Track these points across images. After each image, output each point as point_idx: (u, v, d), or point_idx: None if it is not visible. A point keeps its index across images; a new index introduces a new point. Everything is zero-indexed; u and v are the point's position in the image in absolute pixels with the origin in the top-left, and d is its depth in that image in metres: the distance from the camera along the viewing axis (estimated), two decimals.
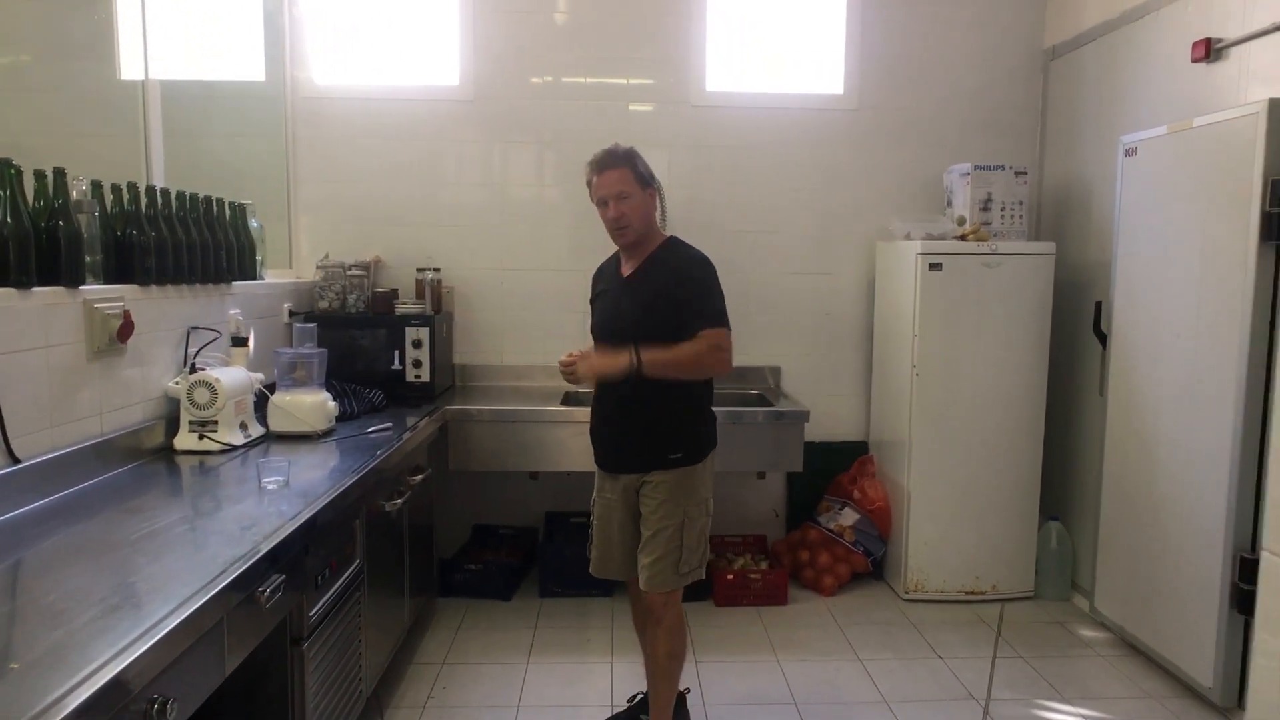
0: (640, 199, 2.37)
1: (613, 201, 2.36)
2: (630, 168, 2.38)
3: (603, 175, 2.38)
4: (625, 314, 2.42)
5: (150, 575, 1.57)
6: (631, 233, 2.38)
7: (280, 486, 2.19)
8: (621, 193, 2.36)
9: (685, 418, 2.43)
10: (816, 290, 4.07)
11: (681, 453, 2.40)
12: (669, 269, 2.39)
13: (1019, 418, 3.58)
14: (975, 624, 3.45)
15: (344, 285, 3.67)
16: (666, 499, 2.39)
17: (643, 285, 2.41)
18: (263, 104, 3.90)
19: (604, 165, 2.38)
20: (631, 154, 2.41)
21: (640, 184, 2.38)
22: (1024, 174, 3.59)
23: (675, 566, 2.40)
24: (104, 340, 2.29)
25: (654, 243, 2.45)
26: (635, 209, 2.37)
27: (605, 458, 2.53)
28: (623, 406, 2.44)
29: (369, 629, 2.52)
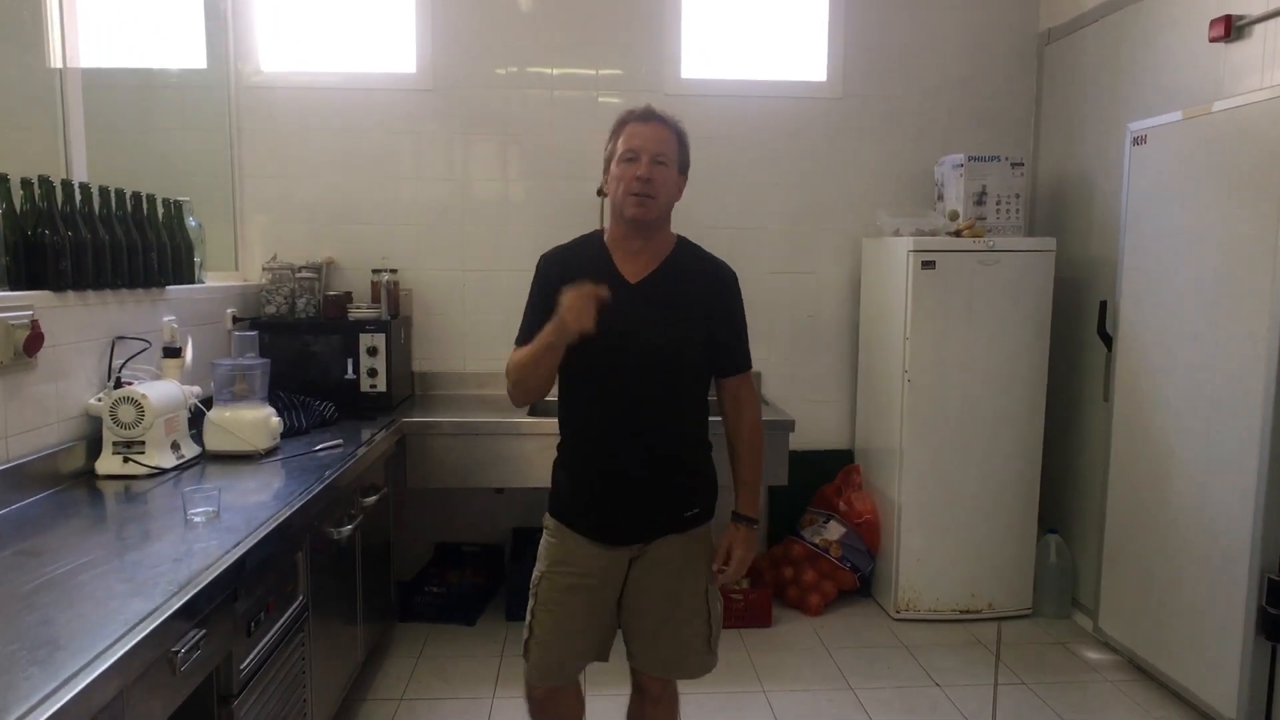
0: (674, 175, 1.89)
1: (647, 159, 1.83)
2: (678, 139, 1.90)
3: (646, 124, 1.86)
4: (645, 334, 1.84)
5: (35, 640, 1.31)
6: (654, 207, 1.85)
7: (209, 519, 1.92)
8: (661, 155, 1.85)
9: (703, 464, 1.99)
10: (798, 290, 3.86)
11: (699, 508, 1.95)
12: (703, 284, 1.92)
13: (1016, 424, 3.39)
14: (972, 646, 3.26)
15: (293, 289, 3.40)
16: (684, 566, 1.94)
17: (666, 298, 1.89)
18: (204, 93, 3.61)
19: (650, 116, 1.88)
20: (681, 127, 1.93)
21: (679, 162, 1.90)
22: (1020, 165, 3.40)
23: (706, 645, 1.98)
24: (8, 354, 2.02)
25: (667, 243, 1.95)
26: (667, 182, 1.86)
27: (603, 526, 1.92)
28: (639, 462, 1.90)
29: (317, 671, 2.26)
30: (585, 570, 1.93)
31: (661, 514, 1.92)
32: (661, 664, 2.00)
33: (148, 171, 3.05)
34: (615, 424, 1.89)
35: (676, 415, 1.93)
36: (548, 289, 1.88)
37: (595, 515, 1.93)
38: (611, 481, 1.92)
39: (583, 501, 1.94)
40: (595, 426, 1.93)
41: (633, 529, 1.92)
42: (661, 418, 1.90)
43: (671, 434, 1.92)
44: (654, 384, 1.87)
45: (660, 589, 1.94)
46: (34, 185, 2.17)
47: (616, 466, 1.91)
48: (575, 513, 1.95)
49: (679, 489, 1.94)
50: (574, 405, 1.96)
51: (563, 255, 1.99)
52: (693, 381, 1.94)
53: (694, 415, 1.96)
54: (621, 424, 1.89)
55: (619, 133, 1.90)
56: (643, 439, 1.89)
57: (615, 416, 1.89)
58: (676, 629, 1.96)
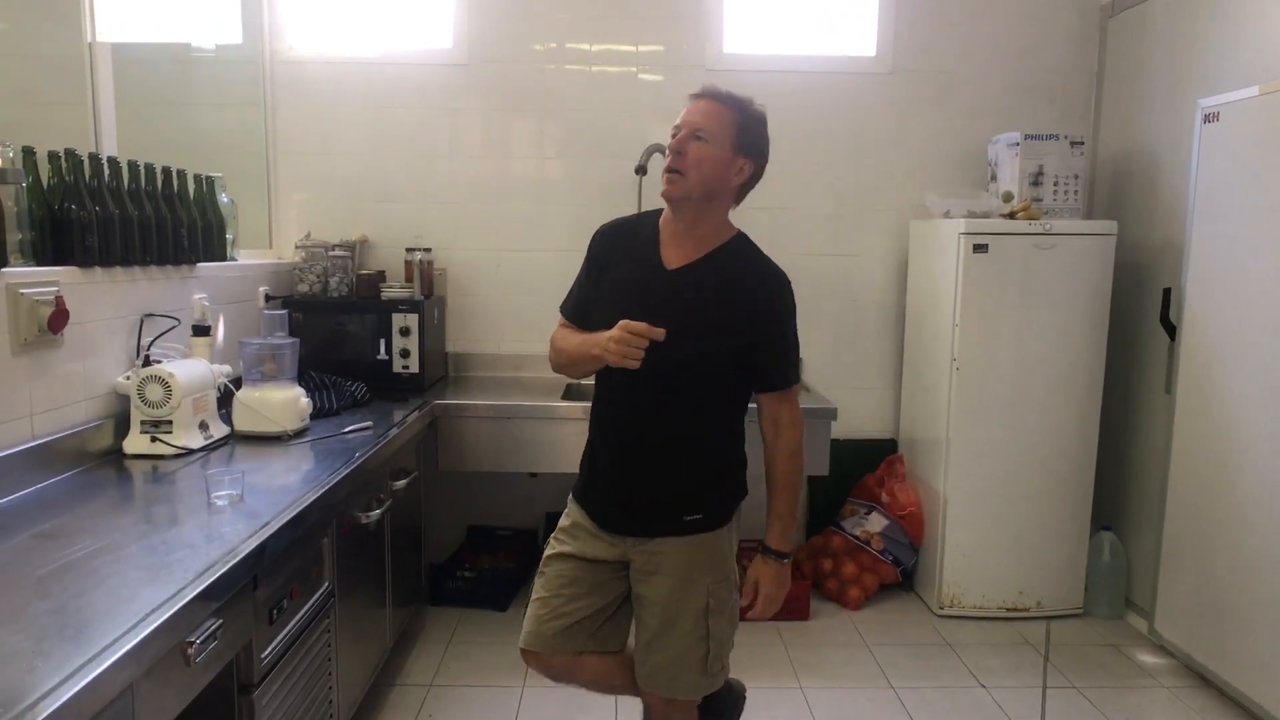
0: (719, 156, 1.74)
1: (685, 131, 1.74)
2: (736, 114, 1.76)
3: (698, 100, 1.78)
4: (677, 325, 1.69)
5: (43, 629, 1.26)
6: (681, 184, 1.74)
7: (232, 503, 1.88)
8: (701, 129, 1.73)
9: (719, 470, 1.88)
10: (842, 274, 3.73)
11: (702, 513, 1.84)
12: (748, 287, 1.78)
13: (1071, 416, 3.23)
14: (1019, 646, 3.13)
15: (326, 267, 3.35)
16: (684, 576, 1.83)
17: (701, 290, 1.77)
18: (239, 69, 3.57)
19: (706, 93, 1.78)
20: (751, 109, 1.80)
21: (734, 143, 1.76)
22: (1080, 144, 3.22)
23: (703, 665, 1.85)
24: (32, 331, 1.98)
25: (717, 234, 1.82)
26: (704, 159, 1.73)
27: (603, 509, 1.90)
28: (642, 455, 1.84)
29: (343, 657, 2.22)
30: (581, 548, 1.91)
31: (658, 512, 1.84)
32: (652, 678, 1.90)
33: (182, 147, 3.01)
34: (625, 412, 1.85)
35: (690, 413, 1.82)
36: (595, 262, 1.90)
37: (595, 494, 1.90)
38: (613, 467, 1.87)
39: (586, 479, 1.94)
40: (609, 412, 1.89)
41: (627, 519, 1.87)
42: (674, 414, 1.81)
43: (680, 432, 1.82)
44: (674, 379, 1.77)
45: (657, 598, 1.85)
46: (61, 159, 2.13)
47: (618, 452, 1.87)
48: (583, 489, 1.95)
49: (679, 490, 1.84)
50: (599, 385, 1.92)
51: (616, 229, 1.94)
52: (715, 386, 1.81)
53: (714, 416, 1.85)
54: (630, 413, 1.84)
55: None
56: (646, 432, 1.83)
57: (626, 404, 1.84)
58: (670, 643, 1.85)
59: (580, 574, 1.91)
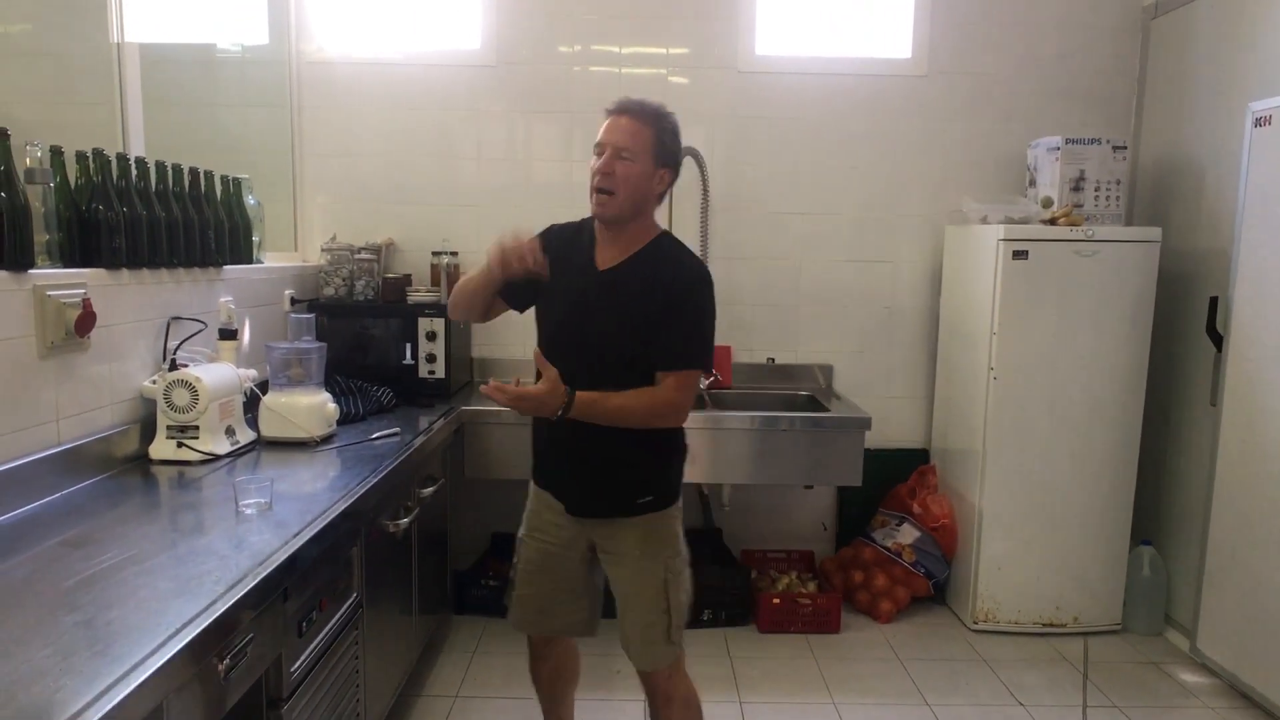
0: (644, 172, 1.85)
1: (609, 151, 1.84)
2: (654, 130, 1.86)
3: (617, 117, 1.86)
4: (599, 321, 1.90)
5: (71, 645, 1.22)
6: (613, 204, 1.86)
7: (260, 511, 1.84)
8: (624, 149, 1.83)
9: (660, 455, 1.99)
10: (873, 280, 3.66)
11: (652, 495, 1.96)
12: (663, 280, 1.88)
13: (1111, 427, 3.15)
14: (1056, 662, 3.05)
15: (352, 270, 3.32)
16: (641, 554, 1.97)
17: (625, 289, 1.90)
18: (265, 70, 3.55)
19: (622, 109, 1.86)
20: (664, 120, 1.88)
21: (655, 157, 1.86)
22: (1123, 149, 3.14)
23: (666, 635, 1.99)
24: (59, 334, 1.95)
25: (643, 235, 1.94)
26: (630, 177, 1.84)
27: (561, 493, 2.03)
28: (586, 441, 1.93)
29: (370, 669, 2.17)
30: (555, 539, 2.05)
31: (609, 496, 1.96)
32: (628, 649, 2.04)
33: (208, 149, 2.99)
34: None
35: None
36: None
37: (550, 482, 2.05)
38: (558, 454, 2.01)
39: (541, 467, 2.08)
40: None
41: (583, 503, 2.00)
42: None
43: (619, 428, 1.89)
44: (599, 370, 1.88)
45: (621, 578, 2.01)
46: (89, 159, 2.09)
47: (565, 439, 1.96)
48: (540, 477, 2.09)
49: (626, 474, 1.95)
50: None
51: (562, 230, 2.07)
52: (636, 374, 1.89)
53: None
54: None
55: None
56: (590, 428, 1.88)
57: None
58: (637, 617, 2.00)
59: (560, 567, 2.07)
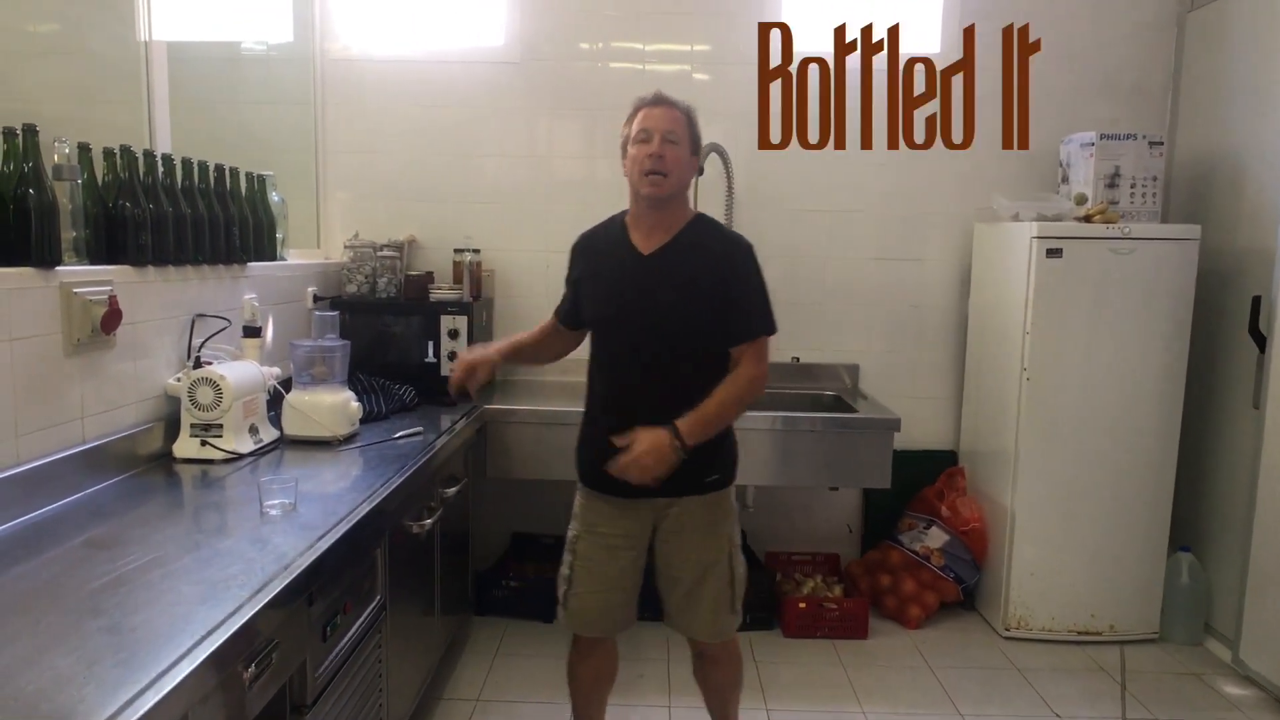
0: (686, 156, 1.98)
1: (659, 137, 1.93)
2: (687, 119, 2.00)
3: (657, 107, 1.98)
4: (658, 300, 1.97)
5: (95, 651, 1.19)
6: (667, 184, 1.95)
7: (285, 511, 1.81)
8: (671, 133, 1.95)
9: (723, 432, 2.04)
10: (901, 278, 3.60)
11: (719, 473, 2.05)
12: (711, 253, 1.99)
13: (1148, 430, 3.07)
14: (1093, 672, 2.97)
15: (374, 267, 3.30)
16: (709, 530, 2.06)
17: (675, 267, 1.98)
18: (290, 67, 3.53)
19: (660, 101, 1.99)
20: (690, 111, 2.03)
21: (691, 142, 2.00)
22: (1159, 144, 3.07)
23: (731, 605, 2.10)
24: (85, 331, 1.93)
25: (681, 217, 2.04)
26: (679, 159, 1.96)
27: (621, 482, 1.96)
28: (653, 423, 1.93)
29: (393, 672, 2.14)
30: (615, 531, 2.08)
31: (679, 474, 1.93)
32: (694, 626, 2.10)
33: (232, 146, 2.97)
34: (628, 385, 2.02)
35: (682, 380, 1.96)
36: (573, 271, 2.19)
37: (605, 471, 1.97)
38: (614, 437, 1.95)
39: (597, 460, 2.01)
40: (611, 387, 2.05)
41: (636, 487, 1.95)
42: (668, 381, 1.97)
43: (677, 398, 1.93)
44: (661, 348, 1.97)
45: (688, 553, 2.05)
46: (116, 156, 2.08)
47: (627, 424, 1.94)
48: (593, 471, 2.06)
49: (696, 463, 1.94)
50: (595, 368, 2.10)
51: (588, 236, 2.18)
52: (701, 349, 1.98)
53: (703, 381, 1.95)
54: (633, 385, 2.01)
55: (633, 118, 2.01)
56: (652, 401, 1.95)
57: (628, 378, 2.02)
58: (704, 591, 2.05)
59: (624, 561, 2.09)
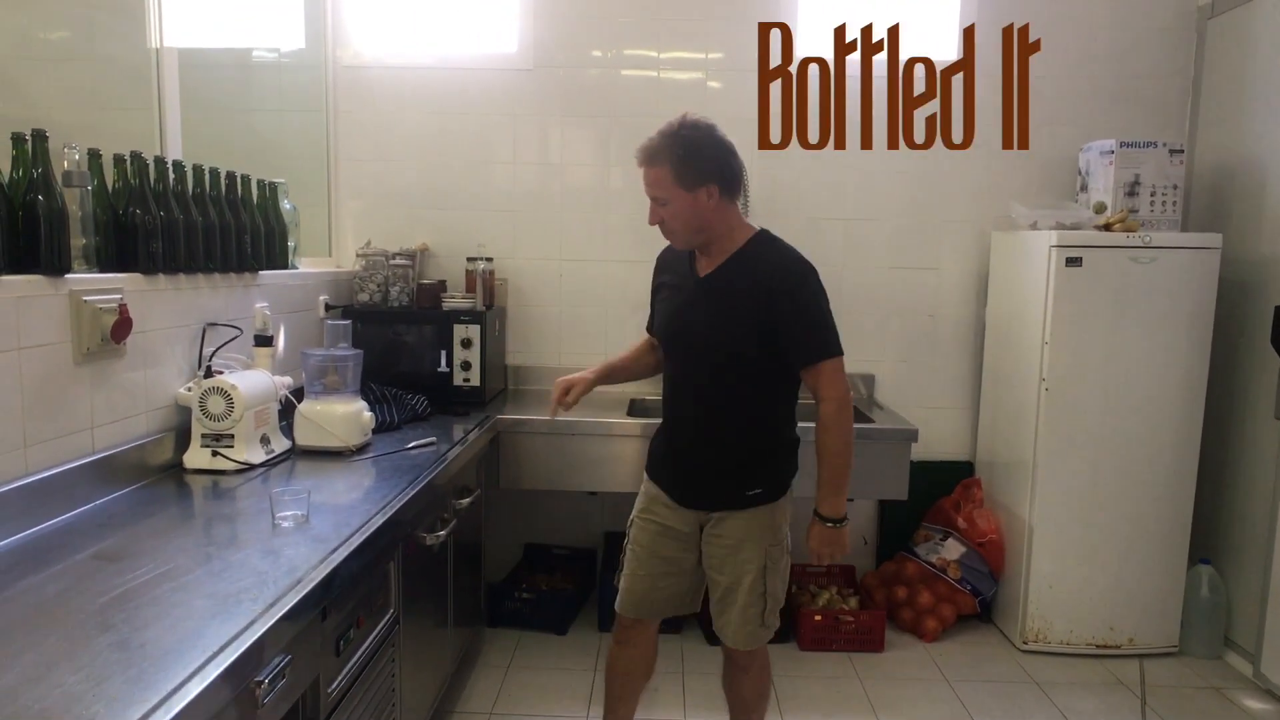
0: (683, 204, 1.94)
1: (651, 204, 1.99)
2: (671, 165, 1.92)
3: (642, 168, 1.99)
4: (702, 323, 2.01)
5: (104, 669, 1.16)
6: (678, 239, 2.03)
7: (297, 524, 1.78)
8: (656, 197, 1.97)
9: (768, 449, 2.08)
10: (917, 287, 3.56)
11: (762, 488, 2.05)
12: (763, 277, 1.96)
13: (1169, 442, 3.03)
14: (1113, 686, 2.93)
15: (387, 276, 3.28)
16: (744, 540, 2.06)
17: (725, 291, 1.99)
18: (302, 74, 3.52)
19: (642, 159, 1.98)
20: (676, 146, 1.92)
21: (684, 185, 1.93)
22: (1180, 152, 3.03)
23: (761, 618, 2.09)
24: (95, 340, 1.91)
25: (735, 240, 2.02)
26: (677, 215, 1.96)
27: (672, 487, 2.14)
28: (697, 438, 2.09)
29: (406, 686, 2.11)
30: (666, 521, 2.14)
31: (720, 488, 2.05)
32: (723, 630, 2.13)
33: (243, 154, 2.97)
34: (680, 401, 2.12)
35: (729, 399, 2.03)
36: (655, 280, 2.22)
37: (666, 475, 2.15)
38: (676, 450, 2.13)
39: (658, 461, 2.18)
40: (669, 401, 2.16)
41: (694, 494, 2.10)
42: (715, 401, 2.04)
43: (723, 417, 2.04)
44: (709, 369, 2.03)
45: (724, 559, 2.08)
46: (126, 162, 2.06)
47: (679, 438, 2.12)
48: (655, 470, 2.18)
49: (735, 468, 2.04)
50: (664, 380, 2.19)
51: (669, 251, 2.20)
52: (748, 369, 2.00)
53: (752, 401, 2.03)
54: (684, 402, 2.11)
55: None
56: (697, 418, 2.08)
57: (680, 394, 2.12)
58: (736, 598, 2.08)
59: (673, 546, 2.14)
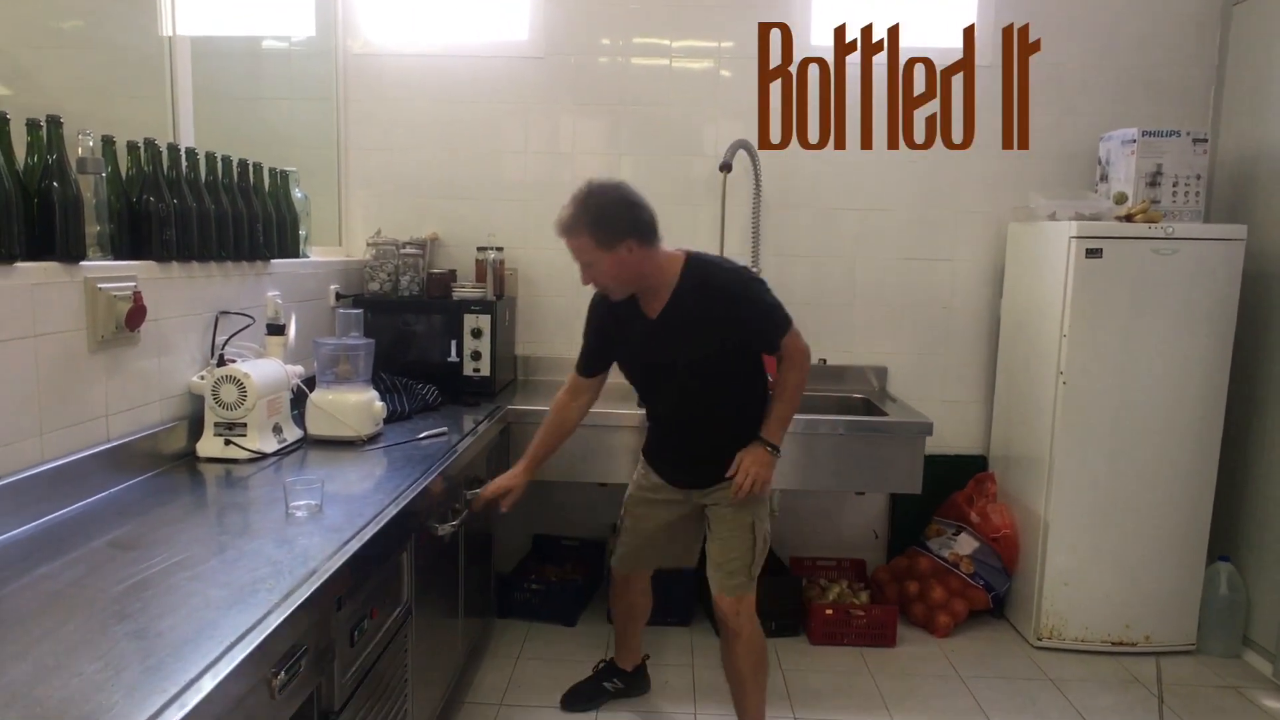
0: (609, 263, 2.13)
1: (580, 268, 2.20)
2: (588, 233, 2.11)
3: (562, 239, 2.18)
4: (672, 355, 2.24)
5: (122, 659, 1.15)
6: (616, 293, 2.23)
7: (311, 513, 1.77)
8: (582, 263, 2.17)
9: (747, 432, 2.31)
10: (932, 279, 3.53)
11: None
12: (708, 302, 2.18)
13: (1189, 437, 3.00)
14: (1128, 684, 2.90)
15: (397, 265, 3.26)
16: (738, 507, 2.33)
17: (680, 321, 2.21)
18: (312, 62, 3.50)
19: (560, 231, 2.17)
20: (587, 215, 2.11)
21: (604, 248, 2.11)
22: (1204, 141, 2.99)
23: (748, 570, 2.33)
24: (110, 327, 1.90)
25: (670, 273, 2.21)
26: (606, 274, 2.16)
27: (669, 475, 2.45)
28: (681, 435, 2.39)
29: (418, 678, 2.10)
30: (662, 492, 2.45)
31: (711, 472, 2.32)
32: (714, 579, 2.35)
33: (254, 143, 2.95)
34: (664, 415, 2.41)
35: (706, 403, 2.29)
36: (603, 322, 2.38)
37: (662, 465, 2.46)
38: (668, 445, 2.44)
39: (653, 452, 2.48)
40: (651, 409, 2.45)
41: (689, 480, 2.40)
42: (694, 410, 2.31)
43: (704, 416, 2.30)
44: (681, 389, 2.28)
45: (719, 525, 2.36)
46: (140, 149, 2.05)
47: (668, 438, 2.42)
48: (650, 457, 2.49)
49: (722, 452, 2.29)
50: (640, 393, 2.46)
51: (599, 300, 2.37)
52: (718, 379, 2.26)
53: (726, 397, 2.28)
54: (667, 416, 2.40)
55: None
56: (680, 421, 2.36)
57: (662, 411, 2.41)
58: (726, 551, 2.33)
59: (662, 515, 2.47)
